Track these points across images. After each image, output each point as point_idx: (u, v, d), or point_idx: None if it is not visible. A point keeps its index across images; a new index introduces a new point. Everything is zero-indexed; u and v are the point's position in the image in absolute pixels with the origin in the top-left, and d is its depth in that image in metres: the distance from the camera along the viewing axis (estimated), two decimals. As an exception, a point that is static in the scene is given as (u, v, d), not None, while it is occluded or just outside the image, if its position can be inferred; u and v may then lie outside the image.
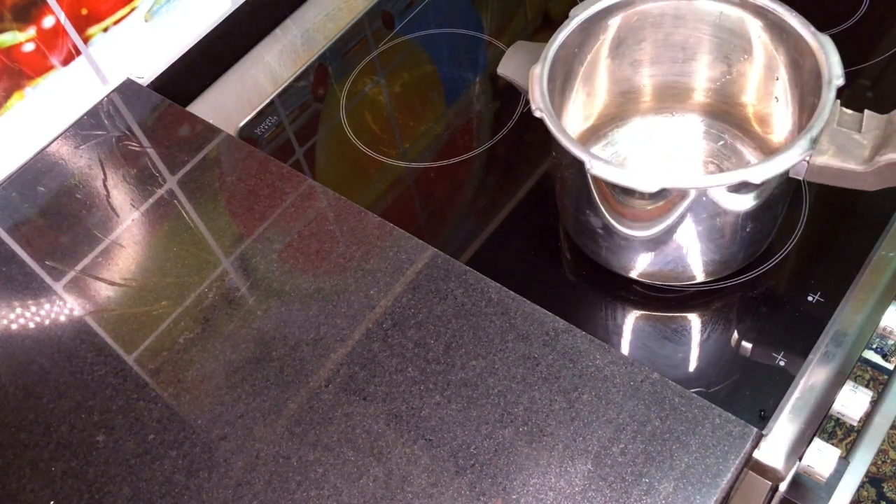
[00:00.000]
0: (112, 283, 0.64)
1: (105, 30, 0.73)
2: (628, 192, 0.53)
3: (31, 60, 0.69)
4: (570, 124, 0.65)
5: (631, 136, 0.70)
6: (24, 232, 0.68)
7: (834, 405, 0.60)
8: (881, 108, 0.53)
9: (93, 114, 0.75)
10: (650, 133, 0.70)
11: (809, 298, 0.60)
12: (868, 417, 0.70)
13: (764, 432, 0.54)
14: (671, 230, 0.55)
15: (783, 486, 0.62)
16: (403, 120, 0.81)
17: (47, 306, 0.63)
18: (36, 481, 0.55)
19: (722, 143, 0.68)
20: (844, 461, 0.64)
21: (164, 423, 0.56)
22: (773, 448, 0.54)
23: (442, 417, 0.53)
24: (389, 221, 0.64)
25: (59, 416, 0.57)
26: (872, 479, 1.23)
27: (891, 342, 1.23)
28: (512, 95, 0.79)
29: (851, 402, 0.60)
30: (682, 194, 0.52)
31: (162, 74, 0.79)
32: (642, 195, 0.52)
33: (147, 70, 0.78)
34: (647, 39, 0.64)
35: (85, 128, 0.74)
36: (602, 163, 0.51)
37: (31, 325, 0.62)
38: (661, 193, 0.51)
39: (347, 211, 0.65)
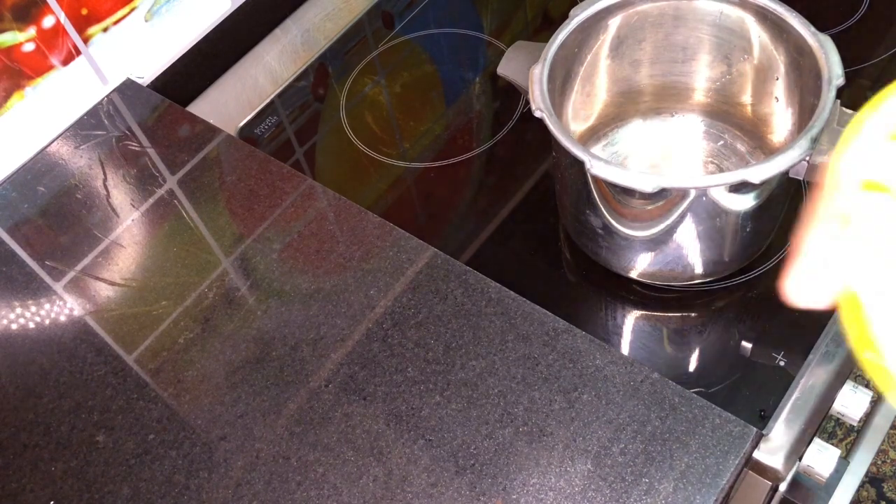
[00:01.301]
0: (112, 283, 0.64)
1: (105, 30, 0.72)
2: (628, 192, 0.53)
3: (31, 60, 0.69)
4: (570, 124, 0.65)
5: (631, 136, 0.70)
6: (24, 232, 0.68)
7: (834, 405, 0.60)
8: (881, 108, 0.53)
9: (93, 114, 0.75)
10: (650, 133, 0.70)
11: (809, 298, 0.60)
12: (868, 417, 0.70)
13: (764, 432, 0.54)
14: (671, 230, 0.55)
15: (783, 486, 0.62)
16: (403, 120, 0.81)
17: (47, 306, 0.63)
18: (36, 481, 0.55)
19: (722, 143, 0.68)
20: (844, 461, 0.64)
21: (164, 423, 0.56)
22: (773, 448, 0.53)
23: (442, 417, 0.53)
24: (389, 221, 0.64)
25: (59, 416, 0.57)
26: (872, 479, 1.23)
27: (891, 342, 1.23)
28: (512, 95, 0.79)
29: (851, 402, 0.60)
30: (682, 194, 0.52)
31: (162, 74, 0.79)
32: (642, 195, 0.52)
33: (147, 70, 0.78)
34: (646, 39, 0.64)
35: (85, 128, 0.74)
36: (602, 163, 0.51)
37: (32, 325, 0.62)
38: (661, 193, 0.51)
39: (347, 211, 0.65)
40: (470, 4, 0.90)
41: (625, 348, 0.60)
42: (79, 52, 0.71)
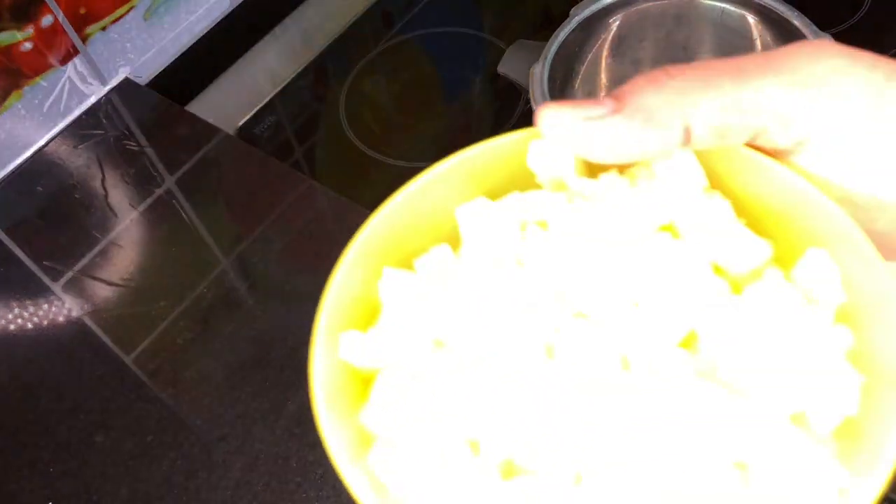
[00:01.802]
0: (110, 284, 0.64)
1: (104, 28, 0.72)
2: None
3: (29, 59, 0.68)
4: (570, 124, 0.64)
5: (632, 135, 0.69)
6: (22, 232, 0.68)
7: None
8: (884, 108, 0.53)
9: (91, 113, 0.75)
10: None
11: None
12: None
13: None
14: (672, 230, 0.55)
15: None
16: (403, 119, 0.81)
17: (46, 307, 0.63)
18: (34, 482, 0.54)
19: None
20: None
21: (163, 424, 0.56)
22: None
23: (442, 418, 0.53)
24: (389, 221, 0.64)
25: (57, 416, 0.57)
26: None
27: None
28: (512, 95, 0.79)
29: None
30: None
31: (161, 73, 0.78)
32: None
33: (146, 69, 0.78)
34: (648, 38, 0.64)
35: (83, 127, 0.74)
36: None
37: (30, 325, 0.62)
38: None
39: (347, 211, 0.65)
40: (470, 3, 0.90)
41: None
42: (77, 51, 0.71)
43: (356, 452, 0.24)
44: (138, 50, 0.76)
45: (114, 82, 0.76)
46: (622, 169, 0.26)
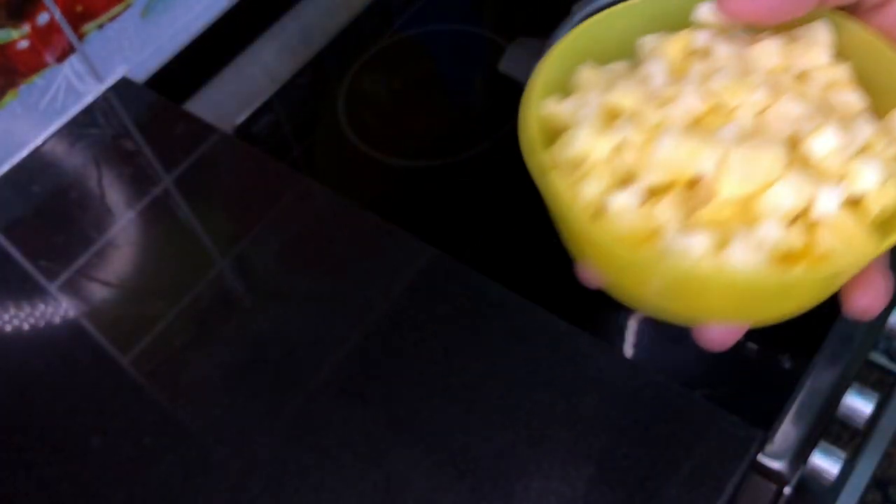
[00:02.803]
0: (107, 284, 0.63)
1: (100, 26, 0.72)
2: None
3: (25, 58, 0.68)
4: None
5: (633, 134, 0.69)
6: (17, 232, 0.67)
7: (840, 408, 0.59)
8: (889, 106, 0.52)
9: (87, 112, 0.74)
10: (653, 131, 0.69)
11: (815, 299, 0.59)
12: (874, 420, 0.70)
13: (769, 435, 0.53)
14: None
15: (788, 490, 0.61)
16: (403, 119, 0.80)
17: (41, 307, 0.62)
18: (29, 485, 0.54)
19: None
20: (850, 464, 0.63)
21: (160, 427, 0.55)
22: (778, 451, 0.53)
23: (442, 421, 0.53)
24: (389, 221, 0.63)
25: (52, 419, 0.57)
26: (878, 483, 1.22)
27: None
28: (514, 93, 0.79)
29: (857, 404, 0.59)
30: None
31: (158, 72, 0.78)
32: (646, 194, 0.52)
33: (143, 67, 0.77)
34: (650, 36, 0.63)
35: (80, 126, 0.73)
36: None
37: (25, 326, 0.61)
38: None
39: (346, 211, 0.64)
40: (470, 0, 0.89)
41: (628, 350, 0.59)
42: (73, 50, 0.71)
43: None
44: (135, 48, 0.76)
45: (110, 81, 0.75)
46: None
